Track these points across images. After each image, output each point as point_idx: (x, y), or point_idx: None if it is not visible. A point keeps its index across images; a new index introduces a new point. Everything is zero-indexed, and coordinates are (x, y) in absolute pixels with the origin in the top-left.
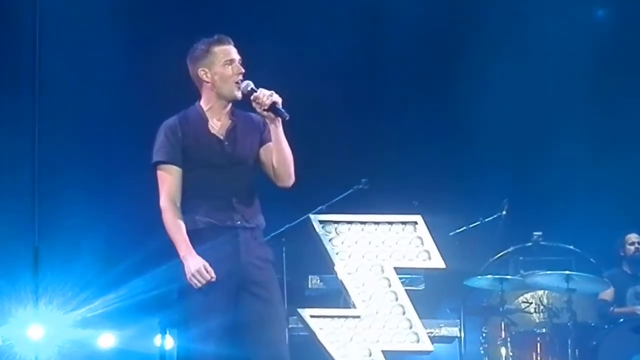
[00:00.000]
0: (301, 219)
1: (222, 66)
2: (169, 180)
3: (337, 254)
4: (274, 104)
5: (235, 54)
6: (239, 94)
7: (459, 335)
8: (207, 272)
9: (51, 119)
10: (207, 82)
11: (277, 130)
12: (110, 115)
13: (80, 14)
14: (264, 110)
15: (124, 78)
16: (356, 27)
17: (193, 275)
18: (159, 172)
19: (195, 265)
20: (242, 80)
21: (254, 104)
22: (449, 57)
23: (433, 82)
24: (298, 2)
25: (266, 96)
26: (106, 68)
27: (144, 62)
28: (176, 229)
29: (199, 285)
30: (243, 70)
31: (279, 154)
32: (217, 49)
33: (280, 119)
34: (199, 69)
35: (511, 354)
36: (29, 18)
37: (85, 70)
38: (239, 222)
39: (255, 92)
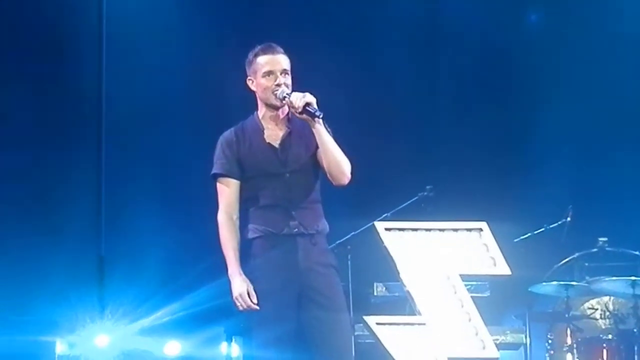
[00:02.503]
0: (366, 226)
1: (262, 76)
2: (225, 193)
3: (402, 261)
4: (306, 105)
5: (277, 64)
6: (278, 102)
7: (524, 341)
8: (249, 297)
9: (117, 129)
10: (254, 91)
11: (319, 131)
12: (175, 124)
13: (145, 28)
14: (299, 113)
15: (190, 88)
16: (416, 32)
17: (236, 298)
18: (217, 184)
19: (239, 289)
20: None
21: (291, 110)
22: (512, 61)
23: (496, 86)
24: (360, 12)
25: (298, 99)
26: (172, 79)
27: (209, 73)
28: (228, 245)
29: (241, 309)
30: (281, 81)
31: (326, 155)
32: (260, 58)
33: (320, 120)
34: (247, 78)
35: None
36: (93, 35)
37: (151, 81)
38: (296, 230)
39: (289, 97)
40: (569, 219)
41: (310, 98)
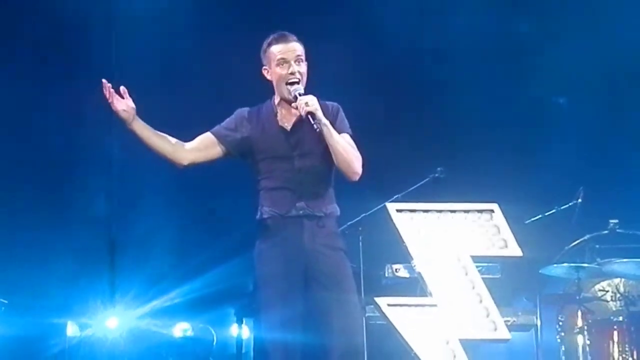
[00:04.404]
0: (377, 207)
1: (276, 66)
2: (198, 137)
3: (413, 242)
4: (307, 114)
5: (290, 52)
6: (291, 97)
7: (535, 323)
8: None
9: None
10: (270, 80)
11: (325, 134)
12: (186, 110)
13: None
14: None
15: (201, 72)
16: (424, 11)
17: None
18: None
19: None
20: (293, 82)
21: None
22: (521, 41)
23: (507, 67)
24: None
25: (301, 106)
26: (181, 63)
27: (220, 56)
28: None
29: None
30: (295, 69)
31: (335, 155)
32: (273, 48)
33: (324, 126)
34: (263, 68)
35: (588, 342)
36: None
37: (161, 64)
38: (302, 212)
39: (297, 99)
40: (580, 200)
41: (312, 108)
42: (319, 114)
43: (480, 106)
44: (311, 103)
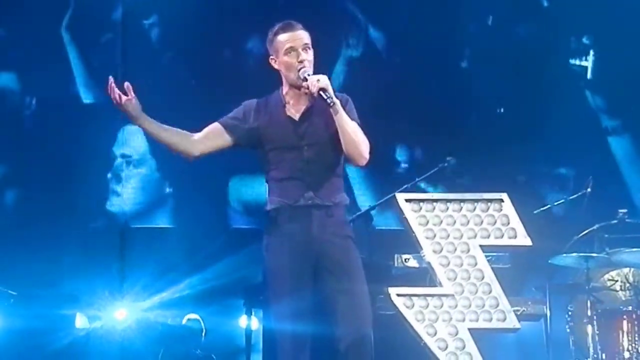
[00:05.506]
0: (387, 197)
1: (284, 55)
2: (207, 128)
3: (422, 232)
4: (319, 90)
5: (297, 40)
6: (301, 82)
7: (545, 313)
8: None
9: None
10: (277, 70)
11: (336, 115)
12: (199, 95)
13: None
14: (315, 96)
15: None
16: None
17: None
18: None
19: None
20: (303, 67)
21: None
22: (530, 31)
23: (519, 56)
24: None
25: (313, 84)
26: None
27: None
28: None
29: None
30: (303, 58)
31: (343, 136)
32: (280, 37)
33: (335, 105)
34: (270, 58)
35: (597, 331)
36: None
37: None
38: (310, 201)
39: (307, 80)
40: (589, 190)
41: (324, 84)
42: (331, 90)
43: (489, 94)
44: (322, 79)
